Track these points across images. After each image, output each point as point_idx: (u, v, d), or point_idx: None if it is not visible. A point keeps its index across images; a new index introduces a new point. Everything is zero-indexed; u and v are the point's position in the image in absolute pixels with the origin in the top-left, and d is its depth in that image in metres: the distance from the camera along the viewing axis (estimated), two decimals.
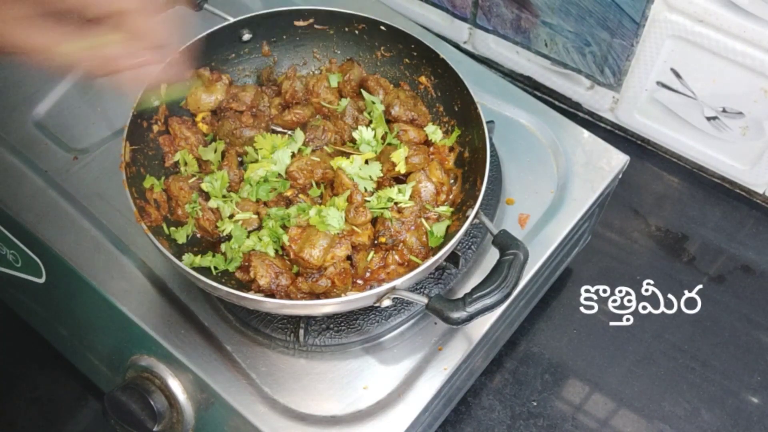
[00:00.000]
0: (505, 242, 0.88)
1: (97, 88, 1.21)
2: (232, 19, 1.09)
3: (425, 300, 0.86)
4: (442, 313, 0.85)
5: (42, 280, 1.12)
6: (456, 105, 1.07)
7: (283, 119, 1.09)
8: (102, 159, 1.13)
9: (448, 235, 0.98)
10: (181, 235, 0.98)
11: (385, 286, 0.87)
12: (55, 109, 1.19)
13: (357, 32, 1.12)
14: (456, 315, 0.85)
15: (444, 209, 1.01)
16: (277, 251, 0.96)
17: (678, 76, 1.29)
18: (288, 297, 0.93)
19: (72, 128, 1.17)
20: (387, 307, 0.94)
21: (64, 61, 0.78)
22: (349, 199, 0.99)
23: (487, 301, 0.82)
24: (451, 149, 1.07)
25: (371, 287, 0.92)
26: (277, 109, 1.10)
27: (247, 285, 0.95)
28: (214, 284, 0.87)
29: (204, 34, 1.07)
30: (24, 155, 1.13)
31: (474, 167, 1.01)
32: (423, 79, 1.11)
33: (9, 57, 0.77)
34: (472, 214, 0.93)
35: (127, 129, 0.97)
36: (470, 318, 0.83)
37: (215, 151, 1.04)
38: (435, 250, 0.96)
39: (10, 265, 1.15)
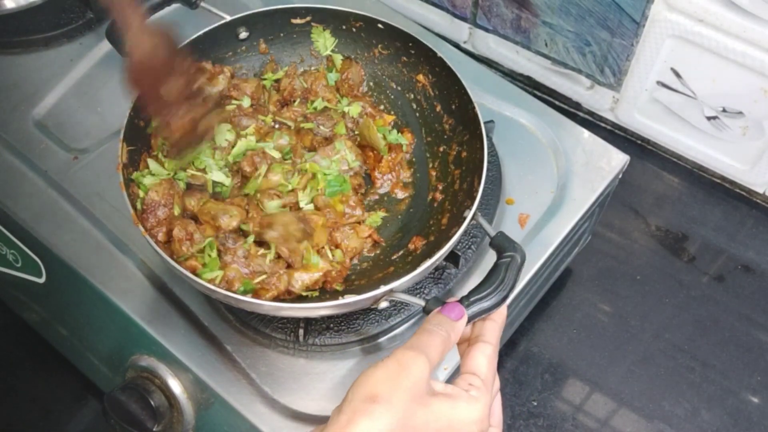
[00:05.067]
0: (503, 245, 0.88)
1: (97, 88, 1.21)
2: (228, 17, 1.09)
3: (422, 303, 0.85)
4: None
5: (42, 280, 1.12)
6: (454, 104, 1.07)
7: (282, 116, 1.09)
8: (102, 159, 1.13)
9: (447, 236, 0.97)
10: None
11: (382, 289, 0.86)
12: (55, 109, 1.19)
13: (354, 30, 1.12)
14: None
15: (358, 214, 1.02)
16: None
17: (678, 75, 1.29)
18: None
19: (72, 128, 1.17)
20: (385, 308, 0.94)
21: None
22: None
23: (484, 305, 0.81)
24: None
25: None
26: (275, 105, 1.11)
27: None
28: (211, 287, 0.87)
29: (201, 32, 1.07)
30: (24, 155, 1.13)
31: (472, 167, 1.01)
32: (421, 77, 1.11)
33: None
34: (469, 215, 0.92)
35: (123, 129, 0.97)
36: (467, 321, 0.83)
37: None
38: (433, 253, 0.96)
39: (10, 265, 1.15)
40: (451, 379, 0.99)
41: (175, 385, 0.99)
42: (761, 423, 1.17)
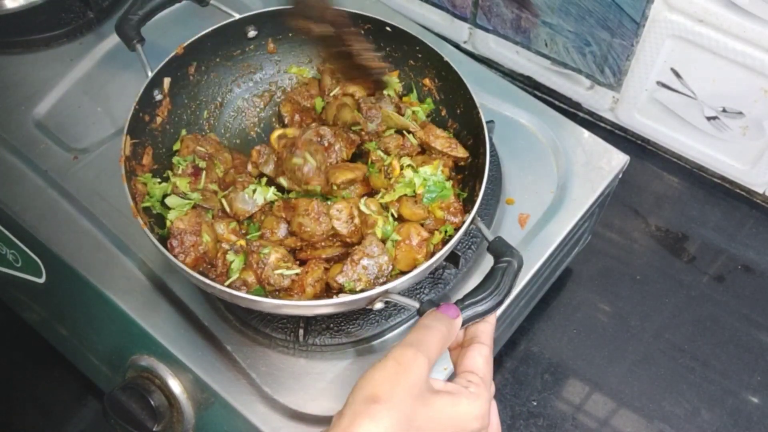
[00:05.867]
0: (500, 249, 0.88)
1: (97, 88, 1.21)
2: (237, 16, 1.09)
3: (417, 305, 0.85)
4: None
5: (42, 280, 1.12)
6: (458, 108, 1.07)
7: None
8: (102, 158, 1.13)
9: (444, 238, 0.97)
10: None
11: (378, 290, 0.86)
12: (55, 109, 1.19)
13: (362, 32, 1.12)
14: None
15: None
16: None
17: (678, 75, 1.29)
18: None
19: (72, 128, 1.17)
20: (383, 309, 0.94)
21: None
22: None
23: (479, 309, 0.81)
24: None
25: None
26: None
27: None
28: (209, 282, 0.87)
29: (209, 29, 1.07)
30: (24, 155, 1.13)
31: (474, 172, 1.01)
32: (427, 81, 1.10)
33: None
34: (468, 219, 0.92)
35: (128, 123, 0.97)
36: (461, 325, 0.83)
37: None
38: (429, 255, 0.96)
39: (10, 265, 1.15)
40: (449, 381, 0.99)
41: (175, 385, 0.99)
42: (761, 423, 1.17)
